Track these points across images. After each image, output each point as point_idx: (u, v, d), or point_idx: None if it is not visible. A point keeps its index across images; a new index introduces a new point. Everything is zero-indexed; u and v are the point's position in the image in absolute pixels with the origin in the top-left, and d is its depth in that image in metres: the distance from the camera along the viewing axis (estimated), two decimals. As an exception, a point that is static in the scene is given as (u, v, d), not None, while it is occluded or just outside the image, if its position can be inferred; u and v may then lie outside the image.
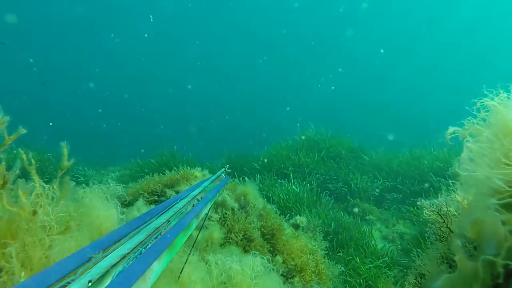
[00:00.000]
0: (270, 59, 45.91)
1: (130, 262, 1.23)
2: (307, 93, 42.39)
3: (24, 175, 1.66)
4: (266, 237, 4.72)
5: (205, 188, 2.21)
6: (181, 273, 1.90)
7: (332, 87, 40.08)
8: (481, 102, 1.48)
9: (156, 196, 5.03)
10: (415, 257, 2.06)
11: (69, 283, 1.05)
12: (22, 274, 1.29)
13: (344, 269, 6.38)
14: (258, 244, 4.38)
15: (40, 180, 1.62)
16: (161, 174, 5.67)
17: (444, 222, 1.77)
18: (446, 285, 1.25)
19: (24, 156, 1.68)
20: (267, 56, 45.86)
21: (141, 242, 1.37)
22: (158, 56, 45.36)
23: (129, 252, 1.28)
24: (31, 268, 1.38)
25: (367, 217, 8.88)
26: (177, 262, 1.95)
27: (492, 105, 1.43)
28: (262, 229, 4.74)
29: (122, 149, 20.63)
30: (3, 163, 1.59)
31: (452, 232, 1.61)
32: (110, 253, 1.25)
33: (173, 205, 1.77)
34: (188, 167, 5.74)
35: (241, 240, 4.29)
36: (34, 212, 1.49)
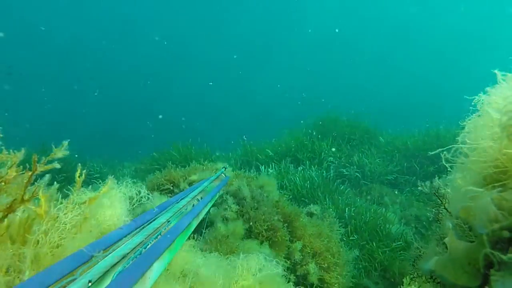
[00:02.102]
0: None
1: (130, 262, 1.26)
2: (322, 80, 42.02)
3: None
4: (284, 225, 4.71)
5: (205, 188, 2.23)
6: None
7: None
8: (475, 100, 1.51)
9: (172, 186, 5.03)
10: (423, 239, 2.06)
11: (69, 283, 1.08)
12: (27, 273, 1.33)
13: (359, 254, 6.38)
14: (282, 234, 4.37)
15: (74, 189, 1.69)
16: (180, 167, 5.63)
17: (442, 203, 1.77)
18: (437, 267, 1.25)
19: (79, 170, 1.76)
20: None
21: (141, 242, 1.41)
22: (171, 54, 45.54)
23: (129, 252, 1.32)
24: (39, 266, 1.42)
25: (381, 201, 8.83)
26: (179, 259, 1.98)
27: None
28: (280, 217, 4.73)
29: (137, 144, 20.91)
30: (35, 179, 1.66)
31: (449, 212, 1.61)
32: (110, 253, 1.29)
33: (173, 205, 1.80)
34: (212, 162, 5.73)
35: (265, 231, 4.27)
36: (55, 216, 1.55)
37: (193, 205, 1.94)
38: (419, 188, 2.04)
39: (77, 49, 42.17)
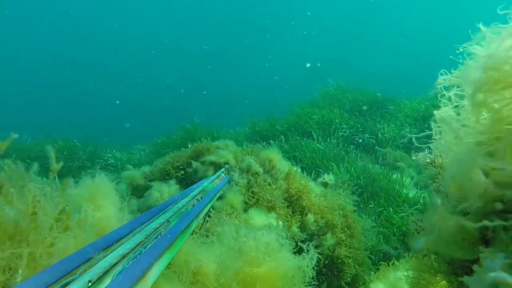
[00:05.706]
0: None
1: (130, 262, 1.27)
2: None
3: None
4: (292, 198, 4.68)
5: (205, 188, 2.23)
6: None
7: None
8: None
9: (182, 170, 5.05)
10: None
11: (69, 283, 1.09)
12: (20, 271, 1.34)
13: (376, 221, 6.37)
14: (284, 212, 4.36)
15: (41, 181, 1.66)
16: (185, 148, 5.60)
17: (440, 173, 1.71)
18: (428, 245, 1.21)
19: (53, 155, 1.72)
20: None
21: (141, 242, 1.41)
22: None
23: (129, 252, 1.32)
24: (34, 266, 1.42)
25: (397, 165, 8.73)
26: (181, 256, 1.98)
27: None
28: (290, 190, 4.69)
29: (147, 125, 21.00)
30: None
31: (443, 184, 1.56)
32: (110, 253, 1.29)
33: (173, 205, 1.80)
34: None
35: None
36: (34, 212, 1.53)
37: (193, 205, 1.94)
38: (413, 158, 1.95)
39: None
